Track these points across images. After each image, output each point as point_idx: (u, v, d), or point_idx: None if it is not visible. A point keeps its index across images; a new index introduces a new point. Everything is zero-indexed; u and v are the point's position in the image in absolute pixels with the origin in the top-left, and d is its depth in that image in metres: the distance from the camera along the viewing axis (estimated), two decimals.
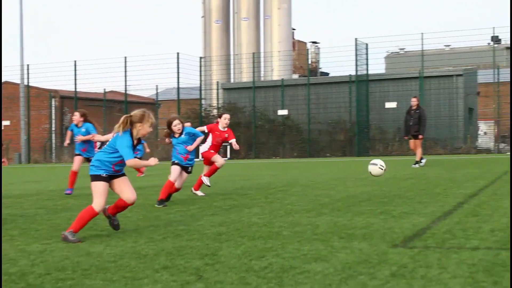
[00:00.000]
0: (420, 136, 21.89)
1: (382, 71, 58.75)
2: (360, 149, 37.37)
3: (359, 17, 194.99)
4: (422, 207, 10.03)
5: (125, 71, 42.44)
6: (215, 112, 44.81)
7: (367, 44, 38.38)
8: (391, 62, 71.17)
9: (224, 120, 13.56)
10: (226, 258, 6.25)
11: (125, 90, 43.06)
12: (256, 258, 6.18)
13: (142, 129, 7.87)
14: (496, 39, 69.63)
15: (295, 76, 57.66)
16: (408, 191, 12.92)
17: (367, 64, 38.67)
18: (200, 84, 43.99)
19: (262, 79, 51.35)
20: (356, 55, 37.70)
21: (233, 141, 13.59)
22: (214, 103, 45.78)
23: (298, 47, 69.27)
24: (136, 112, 7.90)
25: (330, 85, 41.16)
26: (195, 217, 9.70)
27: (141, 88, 49.84)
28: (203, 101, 45.40)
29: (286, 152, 38.65)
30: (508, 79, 42.66)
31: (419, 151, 22.04)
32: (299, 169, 23.92)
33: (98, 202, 7.68)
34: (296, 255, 6.26)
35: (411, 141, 22.15)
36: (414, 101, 22.39)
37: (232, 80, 52.84)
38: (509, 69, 56.07)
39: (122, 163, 7.87)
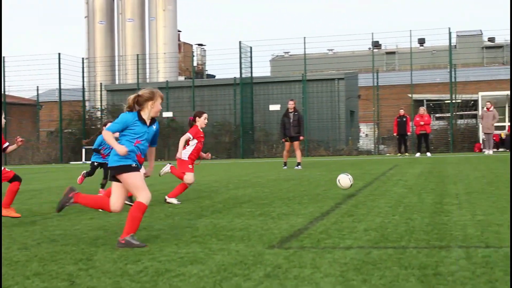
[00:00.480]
0: (301, 138, 22.49)
1: (268, 74, 59.49)
2: (245, 151, 37.65)
3: (244, 20, 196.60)
4: (302, 208, 10.20)
5: (3, 72, 40.97)
6: (98, 114, 43.98)
7: (251, 47, 38.74)
8: (276, 65, 72.24)
9: (204, 120, 12.07)
10: (101, 262, 6.14)
11: (3, 91, 41.56)
12: (132, 262, 6.10)
13: (154, 107, 7.50)
14: (376, 44, 72.04)
15: (181, 78, 57.46)
16: (289, 192, 13.10)
17: (251, 67, 39.02)
18: (83, 85, 43.06)
19: (148, 81, 50.89)
20: (241, 58, 37.97)
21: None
22: (98, 104, 44.93)
23: (184, 49, 69.08)
24: (144, 91, 7.51)
25: (215, 87, 41.28)
26: (73, 221, 9.47)
27: (22, 89, 48.40)
28: (86, 103, 44.47)
29: (172, 155, 38.36)
30: (387, 83, 44.18)
31: (299, 153, 22.57)
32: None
33: (145, 194, 7.16)
34: (173, 258, 6.22)
35: (288, 144, 22.66)
36: (291, 104, 22.91)
37: (117, 82, 52.05)
38: (387, 73, 58.01)
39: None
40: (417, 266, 5.52)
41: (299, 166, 22.06)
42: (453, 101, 37.54)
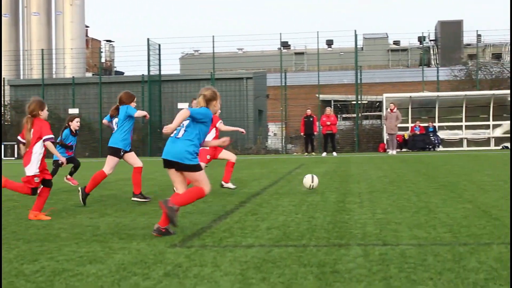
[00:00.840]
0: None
1: (178, 71, 59.13)
2: (153, 149, 37.32)
3: (154, 17, 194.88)
4: (206, 206, 10.18)
5: None
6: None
7: (159, 45, 38.43)
8: (185, 63, 71.94)
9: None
10: None
11: None
12: (29, 262, 5.94)
13: (216, 106, 7.89)
14: (285, 45, 72.80)
15: (89, 74, 56.44)
16: None
17: (159, 65, 38.70)
18: None
19: (54, 76, 49.74)
20: (149, 55, 37.62)
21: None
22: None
23: (92, 45, 67.94)
24: (207, 91, 7.83)
25: (123, 84, 40.59)
26: None
27: None
28: None
29: (78, 152, 37.61)
30: (295, 83, 44.70)
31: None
32: (89, 169, 23.36)
33: (209, 186, 7.73)
34: (72, 258, 6.10)
35: None
36: (195, 103, 22.91)
37: (21, 77, 50.65)
38: (295, 73, 58.72)
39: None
40: (316, 264, 5.60)
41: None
42: (359, 102, 38.34)
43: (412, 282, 4.93)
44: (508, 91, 37.86)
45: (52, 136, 9.15)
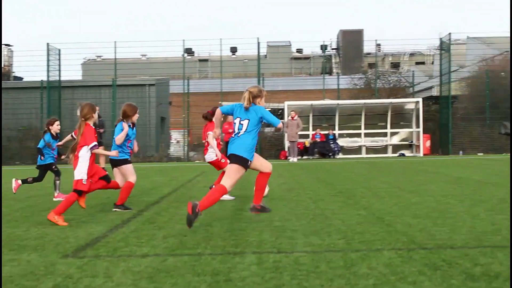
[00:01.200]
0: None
1: (80, 77, 58.06)
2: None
3: (53, 21, 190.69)
4: (103, 215, 10.02)
5: None
6: None
7: (59, 50, 37.58)
8: (88, 69, 70.65)
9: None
10: None
11: None
12: None
13: (261, 103, 8.57)
14: (189, 52, 72.62)
15: None
16: (93, 199, 12.78)
17: (59, 70, 37.82)
18: None
19: None
20: (48, 60, 36.75)
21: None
22: None
23: None
24: (253, 89, 8.52)
25: (22, 90, 39.65)
26: None
27: None
28: None
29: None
30: (199, 90, 44.64)
31: (102, 159, 22.39)
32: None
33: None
34: None
35: None
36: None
37: None
38: (199, 80, 58.65)
39: None
40: (210, 272, 5.59)
41: None
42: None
43: None
44: (405, 100, 39.08)
45: (95, 143, 9.42)
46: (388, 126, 36.91)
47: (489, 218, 8.72)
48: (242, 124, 8.62)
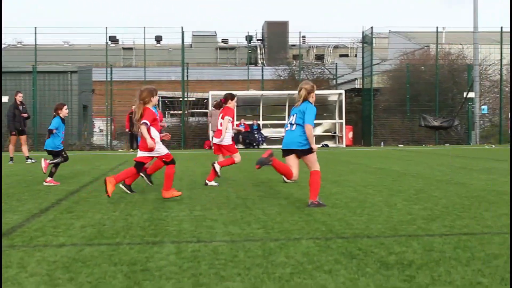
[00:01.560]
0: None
1: None
2: None
3: None
4: (20, 204, 9.80)
5: None
6: None
7: None
8: (8, 55, 68.82)
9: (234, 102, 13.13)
10: None
11: None
12: None
13: (314, 98, 9.36)
14: (113, 39, 71.59)
15: None
16: (10, 188, 12.51)
17: None
18: None
19: None
20: None
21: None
22: None
23: None
24: (306, 85, 9.33)
25: None
26: None
27: None
28: None
29: None
30: (123, 78, 44.06)
31: (25, 148, 21.83)
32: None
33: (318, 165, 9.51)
34: None
35: (14, 138, 21.94)
36: (20, 96, 22.13)
37: None
38: (123, 68, 57.94)
39: None
40: (127, 262, 5.53)
41: (30, 160, 21.25)
42: (186, 99, 38.47)
43: (221, 278, 4.99)
44: (328, 91, 39.57)
45: (147, 121, 10.00)
46: None
47: (405, 208, 8.93)
48: (292, 117, 9.40)
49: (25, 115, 22.06)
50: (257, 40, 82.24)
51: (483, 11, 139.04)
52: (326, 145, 36.34)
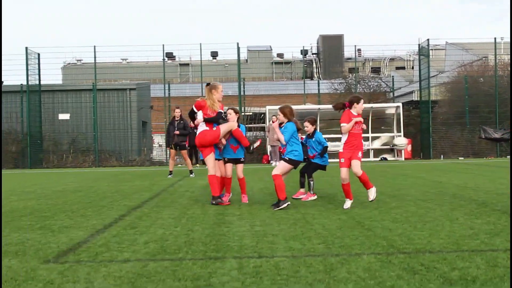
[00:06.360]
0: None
1: (60, 81, 57.81)
2: (33, 161, 36.27)
3: (31, 26, 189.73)
4: (84, 220, 10.01)
5: None
6: None
7: (39, 54, 37.40)
8: (68, 73, 70.46)
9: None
10: None
11: None
12: None
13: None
14: (169, 56, 72.58)
15: None
16: (74, 204, 12.80)
17: (39, 74, 37.62)
18: None
19: None
20: (27, 64, 36.54)
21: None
22: None
23: None
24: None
25: (2, 94, 39.39)
26: None
27: None
28: None
29: None
30: (180, 94, 44.60)
31: (189, 161, 22.55)
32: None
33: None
34: None
35: (173, 151, 22.42)
36: (178, 112, 22.63)
37: None
38: (180, 84, 58.61)
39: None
40: (190, 277, 5.62)
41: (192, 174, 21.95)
42: (243, 113, 38.68)
43: None
44: (385, 104, 39.27)
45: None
46: (370, 130, 37.08)
47: (467, 223, 8.83)
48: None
49: (177, 132, 22.40)
50: (312, 54, 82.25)
51: None
52: (385, 159, 36.06)
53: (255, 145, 12.69)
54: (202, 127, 12.08)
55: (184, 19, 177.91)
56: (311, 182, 12.82)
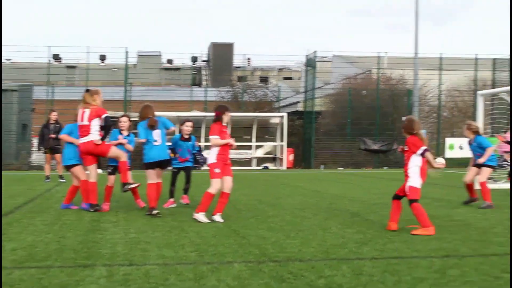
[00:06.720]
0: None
1: None
2: None
3: None
4: None
5: None
6: None
7: None
8: None
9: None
10: None
11: None
12: None
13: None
14: (56, 58, 70.78)
15: None
16: None
17: None
18: None
19: None
20: None
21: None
22: None
23: None
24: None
25: None
26: None
27: None
28: None
29: None
30: (65, 97, 43.55)
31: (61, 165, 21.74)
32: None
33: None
34: None
35: (49, 156, 21.52)
36: (54, 115, 21.61)
37: None
38: (66, 87, 57.29)
39: None
40: (57, 285, 5.51)
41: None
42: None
43: None
44: (270, 114, 39.82)
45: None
46: (253, 139, 37.44)
47: (339, 232, 9.06)
48: None
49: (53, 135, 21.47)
50: (202, 61, 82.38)
51: (423, 38, 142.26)
52: (267, 167, 36.48)
53: (131, 186, 12.44)
54: (94, 136, 11.90)
55: (72, 21, 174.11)
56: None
